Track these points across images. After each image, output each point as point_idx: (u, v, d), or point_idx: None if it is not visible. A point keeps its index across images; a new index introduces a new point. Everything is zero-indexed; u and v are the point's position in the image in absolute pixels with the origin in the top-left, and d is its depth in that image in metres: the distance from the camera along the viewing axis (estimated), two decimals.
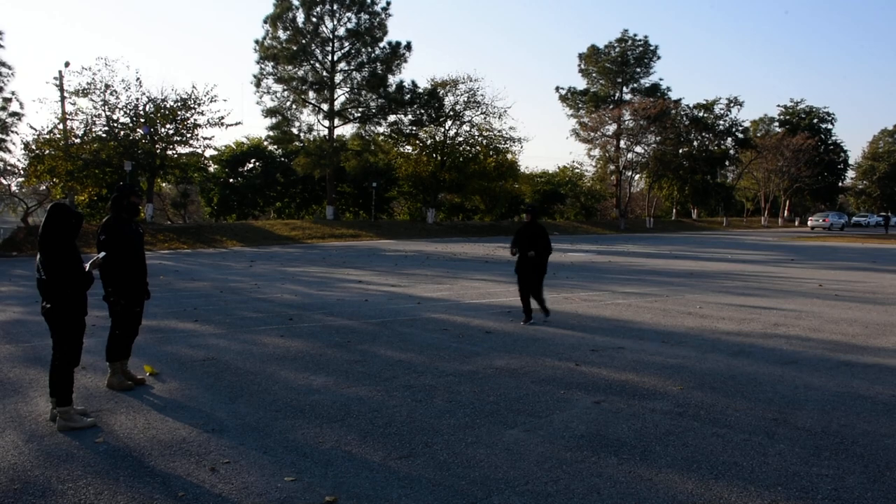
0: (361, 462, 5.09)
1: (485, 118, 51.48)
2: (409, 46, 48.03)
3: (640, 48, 68.45)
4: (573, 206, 68.83)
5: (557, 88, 71.31)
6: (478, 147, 52.25)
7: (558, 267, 22.38)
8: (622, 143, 63.49)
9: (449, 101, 50.61)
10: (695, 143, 68.43)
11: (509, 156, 53.54)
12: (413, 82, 49.56)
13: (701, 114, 68.38)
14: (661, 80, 79.75)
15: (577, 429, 5.86)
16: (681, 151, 65.87)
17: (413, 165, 51.51)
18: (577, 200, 68.80)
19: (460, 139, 52.09)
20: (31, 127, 45.69)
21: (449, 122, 51.14)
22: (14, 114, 34.95)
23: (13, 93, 36.12)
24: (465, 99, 50.51)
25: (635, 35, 68.56)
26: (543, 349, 9.14)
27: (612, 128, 63.46)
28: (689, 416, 6.22)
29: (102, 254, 6.43)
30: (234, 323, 11.17)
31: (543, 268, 11.38)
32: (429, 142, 51.74)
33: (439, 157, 50.86)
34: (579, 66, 70.84)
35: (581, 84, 72.31)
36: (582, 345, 9.45)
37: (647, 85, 69.90)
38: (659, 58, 69.41)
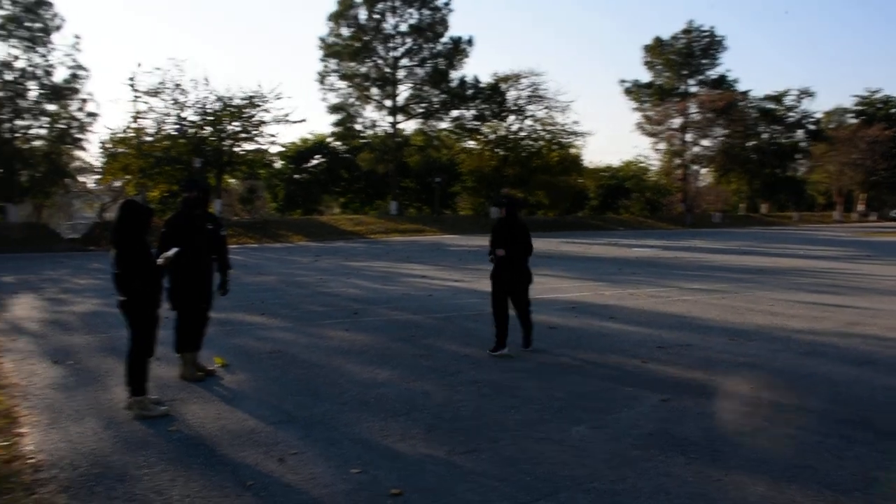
0: (426, 456, 5.11)
1: (548, 112, 51.10)
2: (470, 41, 48.07)
3: (706, 39, 66.67)
4: (638, 201, 67.76)
5: (621, 82, 69.95)
6: (541, 142, 51.85)
7: (623, 263, 22.09)
8: (688, 137, 62.25)
9: (511, 95, 50.42)
10: (764, 136, 66.57)
11: (573, 150, 53.01)
12: (475, 77, 49.58)
13: (770, 105, 66.43)
14: (728, 71, 77.35)
15: (644, 427, 5.77)
16: (749, 144, 64.21)
17: (476, 160, 51.38)
18: (642, 195, 67.72)
19: (523, 134, 51.79)
20: (106, 126, 47.29)
21: (512, 117, 50.94)
22: (91, 114, 36.26)
23: (90, 94, 37.51)
24: (528, 93, 50.27)
25: (701, 26, 66.82)
26: (609, 346, 9.04)
27: (677, 121, 62.24)
28: (760, 417, 6.06)
29: (174, 249, 6.59)
30: (300, 316, 11.36)
31: (528, 274, 9.32)
32: (492, 137, 51.56)
33: (502, 152, 50.66)
34: (644, 58, 69.45)
35: (645, 77, 70.75)
36: (648, 341, 9.31)
37: (713, 77, 68.04)
38: (725, 49, 67.30)
